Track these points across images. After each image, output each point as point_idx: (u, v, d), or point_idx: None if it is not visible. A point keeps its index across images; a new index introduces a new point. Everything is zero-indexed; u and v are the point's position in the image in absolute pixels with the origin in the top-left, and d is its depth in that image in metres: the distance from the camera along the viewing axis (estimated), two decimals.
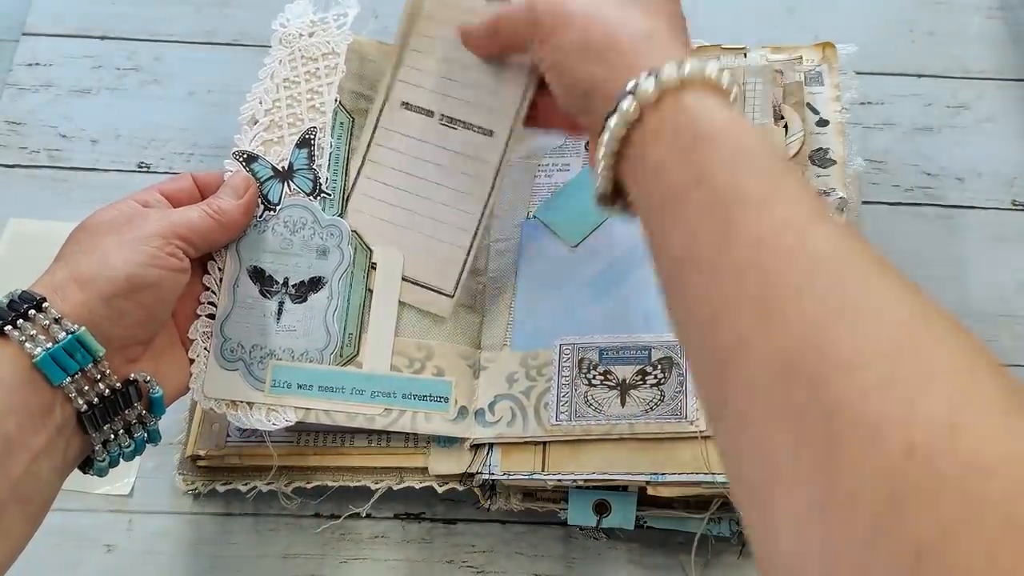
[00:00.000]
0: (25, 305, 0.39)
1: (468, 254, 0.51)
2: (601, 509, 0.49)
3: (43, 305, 0.39)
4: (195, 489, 0.52)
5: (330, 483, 0.51)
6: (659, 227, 0.36)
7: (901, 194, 0.62)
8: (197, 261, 0.47)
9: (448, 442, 0.50)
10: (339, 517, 0.53)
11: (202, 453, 0.52)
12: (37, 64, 0.67)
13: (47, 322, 0.39)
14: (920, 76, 0.66)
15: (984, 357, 0.27)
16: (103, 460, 0.42)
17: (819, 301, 0.29)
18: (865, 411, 0.26)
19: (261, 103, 0.52)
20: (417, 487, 0.51)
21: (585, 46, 0.40)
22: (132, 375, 0.42)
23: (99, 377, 0.40)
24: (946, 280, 0.59)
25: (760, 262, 0.31)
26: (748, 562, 0.51)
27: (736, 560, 0.51)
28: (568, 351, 0.50)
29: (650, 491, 0.47)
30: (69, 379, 0.39)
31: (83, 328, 0.39)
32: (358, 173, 0.51)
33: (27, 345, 0.38)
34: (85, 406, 0.40)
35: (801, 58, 0.56)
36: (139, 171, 0.64)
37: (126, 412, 0.42)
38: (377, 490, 0.51)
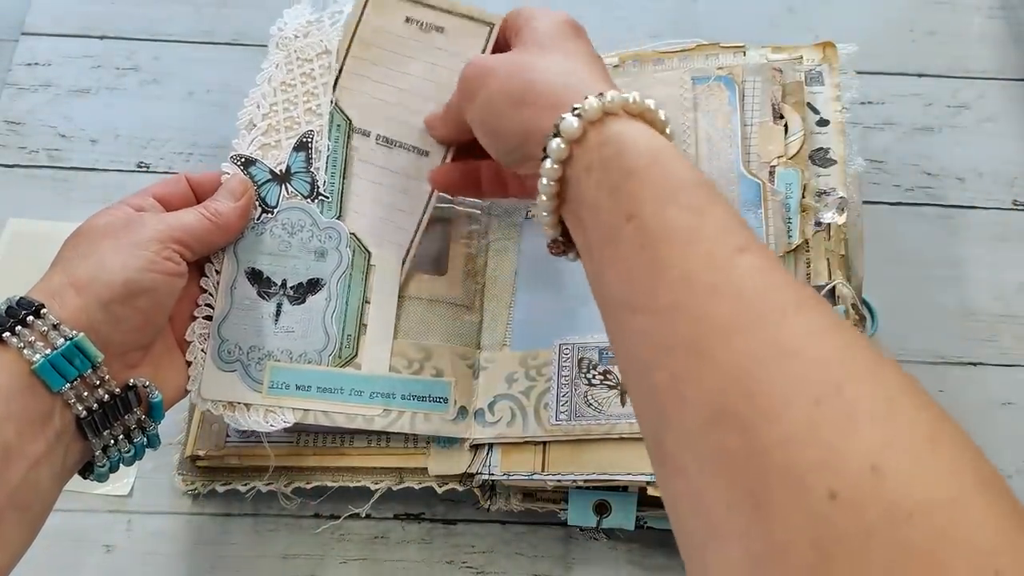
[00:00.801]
0: (23, 311, 0.39)
1: (401, 269, 0.51)
2: (601, 509, 0.49)
3: (41, 311, 0.39)
4: (194, 489, 0.52)
5: (329, 483, 0.51)
6: (597, 268, 0.36)
7: (902, 194, 0.62)
8: (194, 264, 0.47)
9: (448, 442, 0.50)
10: (339, 517, 0.53)
11: (201, 453, 0.52)
12: (36, 64, 0.67)
13: (45, 328, 0.39)
14: (921, 76, 0.66)
15: (908, 391, 0.27)
16: (103, 466, 0.42)
17: (744, 342, 0.28)
18: (791, 459, 0.26)
19: (259, 107, 0.52)
20: (417, 487, 0.51)
21: (507, 96, 0.41)
22: (131, 380, 0.42)
23: (98, 383, 0.40)
24: (946, 280, 0.59)
25: (689, 302, 0.31)
26: None
27: None
28: (568, 351, 0.50)
29: (650, 491, 0.47)
30: (68, 385, 0.39)
31: (81, 334, 0.39)
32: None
33: (26, 352, 0.38)
34: (84, 412, 0.40)
35: (801, 58, 0.56)
36: (138, 171, 0.64)
37: (125, 417, 0.42)
38: (377, 490, 0.51)
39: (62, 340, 0.39)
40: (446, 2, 0.52)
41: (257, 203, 0.50)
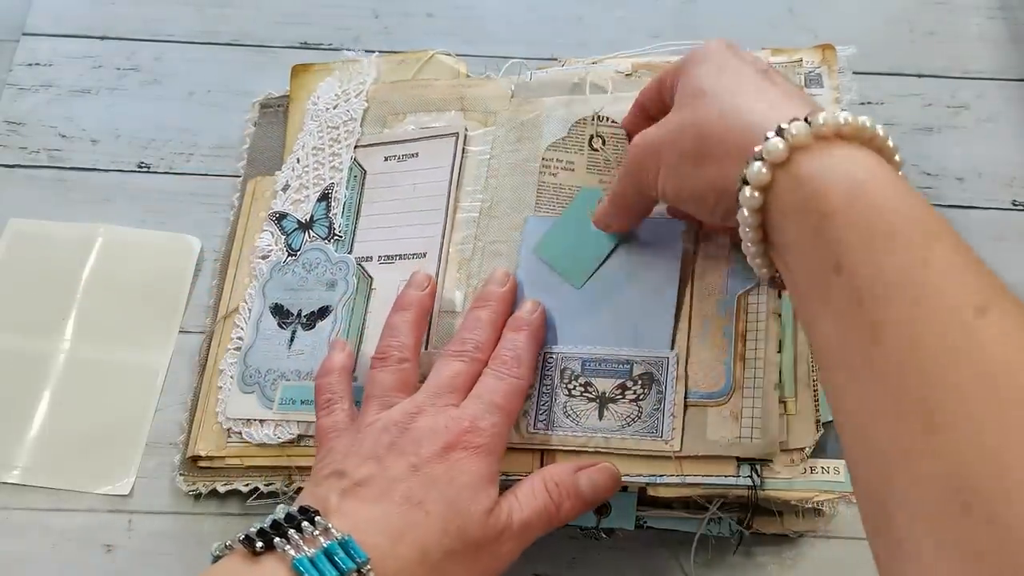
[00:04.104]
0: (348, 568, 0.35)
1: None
2: (601, 509, 0.49)
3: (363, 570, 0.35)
4: (196, 490, 0.53)
5: None
6: (807, 315, 0.33)
7: None
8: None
9: None
10: None
11: (203, 453, 0.52)
12: (37, 64, 0.67)
13: None
14: (920, 76, 0.66)
15: None
16: None
17: (994, 416, 0.25)
18: None
19: (293, 170, 0.59)
20: None
21: (685, 159, 0.39)
22: None
23: None
24: None
25: (919, 365, 0.27)
26: (747, 561, 0.51)
27: (736, 560, 0.51)
28: (552, 359, 0.49)
29: (650, 491, 0.47)
30: None
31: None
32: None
33: None
34: None
35: (801, 60, 0.56)
36: (139, 171, 0.64)
37: None
38: None
39: None
40: (413, 133, 0.58)
41: (285, 248, 0.56)
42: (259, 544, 0.36)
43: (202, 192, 0.63)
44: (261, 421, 0.52)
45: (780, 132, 0.33)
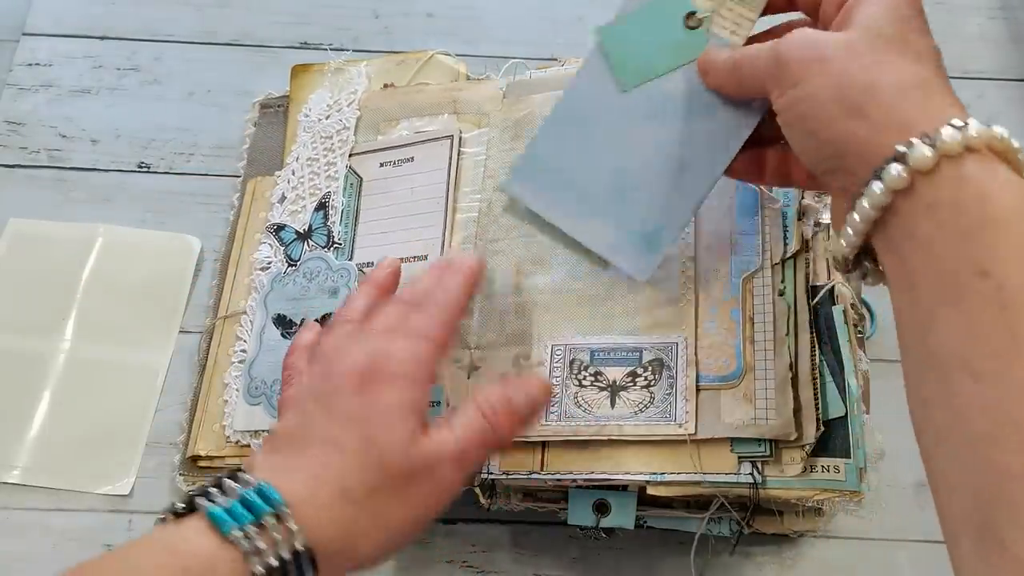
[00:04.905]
0: (263, 510, 0.34)
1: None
2: (601, 509, 0.49)
3: (281, 512, 0.35)
4: None
5: None
6: (924, 314, 0.32)
7: None
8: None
9: None
10: None
11: (203, 453, 0.52)
12: (37, 64, 0.67)
13: (281, 536, 0.34)
14: None
15: None
16: None
17: None
18: None
19: (288, 182, 0.59)
20: None
21: (841, 97, 0.35)
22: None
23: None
24: None
25: None
26: (747, 561, 0.51)
27: (736, 560, 0.51)
28: (560, 352, 0.50)
29: (650, 491, 0.47)
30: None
31: (309, 545, 0.35)
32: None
33: (250, 560, 0.33)
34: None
35: None
36: (139, 171, 0.64)
37: None
38: None
39: (294, 547, 0.34)
40: (408, 138, 0.58)
41: (284, 259, 0.56)
42: (180, 506, 0.35)
43: (202, 192, 0.63)
44: (267, 431, 0.52)
45: (962, 128, 0.32)
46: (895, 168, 0.32)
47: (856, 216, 0.34)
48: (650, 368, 0.48)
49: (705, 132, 0.44)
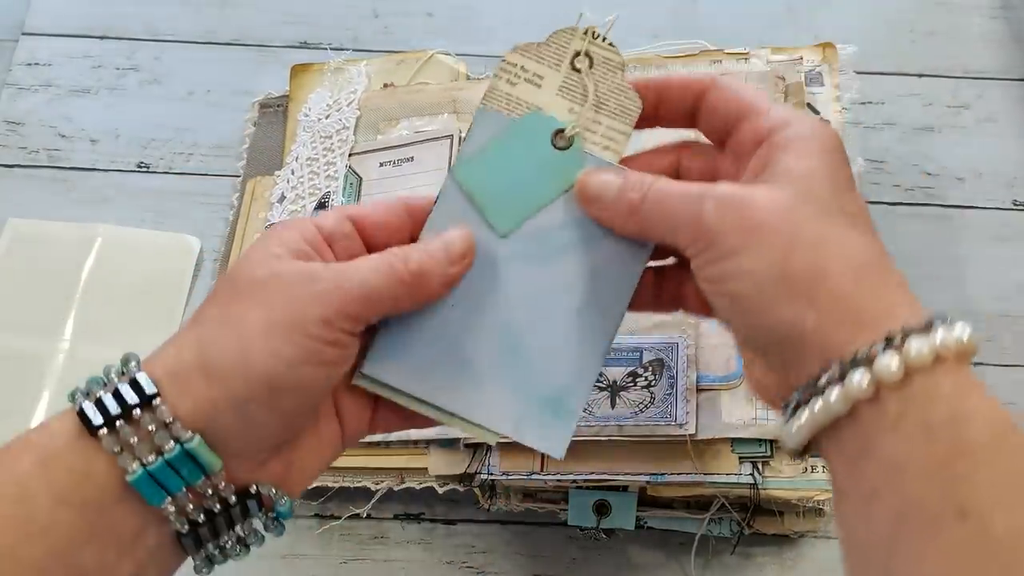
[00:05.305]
0: (131, 400, 0.31)
1: None
2: (601, 509, 0.49)
3: (153, 402, 0.31)
4: None
5: (330, 484, 0.51)
6: (885, 534, 0.28)
7: (901, 194, 0.62)
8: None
9: (448, 442, 0.50)
10: (339, 518, 0.53)
11: None
12: (36, 64, 0.67)
13: (154, 427, 0.31)
14: (921, 76, 0.66)
15: None
16: (204, 571, 0.34)
17: None
18: None
19: (288, 182, 0.59)
20: (417, 487, 0.51)
21: (784, 279, 0.30)
22: (253, 487, 0.33)
23: (209, 493, 0.32)
24: (946, 280, 0.59)
25: None
26: (747, 561, 0.51)
27: (736, 560, 0.51)
28: None
29: (650, 491, 0.47)
30: (170, 499, 0.31)
31: (198, 438, 0.31)
32: None
33: (121, 460, 0.30)
34: (187, 527, 0.32)
35: (802, 59, 0.56)
36: (139, 171, 0.64)
37: (239, 528, 0.34)
38: (377, 491, 0.51)
39: (172, 444, 0.31)
40: (408, 137, 0.57)
41: None
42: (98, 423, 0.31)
43: (202, 192, 0.63)
44: None
45: (928, 332, 0.28)
46: (858, 376, 0.28)
47: (804, 419, 0.30)
48: (650, 368, 0.48)
49: (599, 265, 0.38)
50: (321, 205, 0.57)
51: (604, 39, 0.40)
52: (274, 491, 0.34)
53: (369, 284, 0.33)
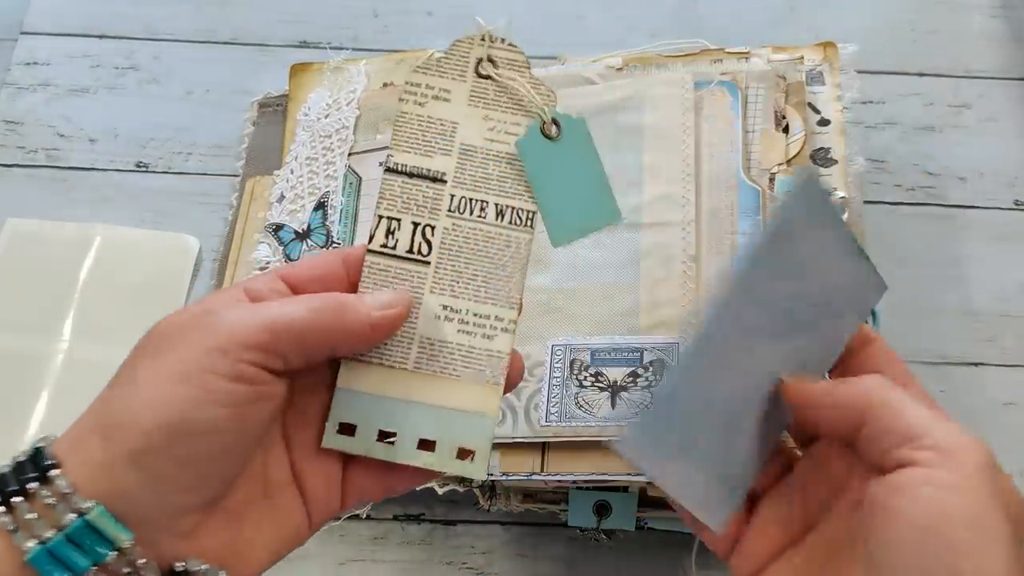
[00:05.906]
0: (29, 473, 0.29)
1: None
2: (601, 510, 0.49)
3: (50, 473, 0.29)
4: None
5: None
6: None
7: (903, 194, 0.62)
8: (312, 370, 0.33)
9: None
10: (339, 518, 0.53)
11: None
12: (35, 63, 0.67)
13: (52, 500, 0.28)
14: (922, 75, 0.66)
15: None
16: None
17: None
18: None
19: (287, 181, 0.59)
20: (417, 488, 0.51)
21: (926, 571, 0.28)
22: (178, 565, 0.30)
23: (126, 571, 0.29)
24: (947, 280, 0.59)
25: None
26: None
27: None
28: (560, 352, 0.50)
29: (650, 492, 0.47)
30: None
31: (98, 507, 0.28)
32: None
33: (16, 537, 0.28)
34: None
35: (802, 58, 0.56)
36: (137, 170, 0.64)
37: None
38: None
39: (70, 516, 0.28)
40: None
41: (283, 259, 0.56)
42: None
43: (200, 192, 0.63)
44: None
45: None
46: None
47: None
48: (651, 368, 0.48)
49: (808, 346, 0.35)
50: (320, 205, 0.57)
51: (503, 40, 0.41)
52: (202, 566, 0.30)
53: (286, 310, 0.31)
